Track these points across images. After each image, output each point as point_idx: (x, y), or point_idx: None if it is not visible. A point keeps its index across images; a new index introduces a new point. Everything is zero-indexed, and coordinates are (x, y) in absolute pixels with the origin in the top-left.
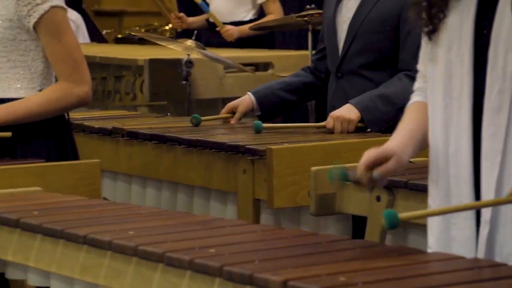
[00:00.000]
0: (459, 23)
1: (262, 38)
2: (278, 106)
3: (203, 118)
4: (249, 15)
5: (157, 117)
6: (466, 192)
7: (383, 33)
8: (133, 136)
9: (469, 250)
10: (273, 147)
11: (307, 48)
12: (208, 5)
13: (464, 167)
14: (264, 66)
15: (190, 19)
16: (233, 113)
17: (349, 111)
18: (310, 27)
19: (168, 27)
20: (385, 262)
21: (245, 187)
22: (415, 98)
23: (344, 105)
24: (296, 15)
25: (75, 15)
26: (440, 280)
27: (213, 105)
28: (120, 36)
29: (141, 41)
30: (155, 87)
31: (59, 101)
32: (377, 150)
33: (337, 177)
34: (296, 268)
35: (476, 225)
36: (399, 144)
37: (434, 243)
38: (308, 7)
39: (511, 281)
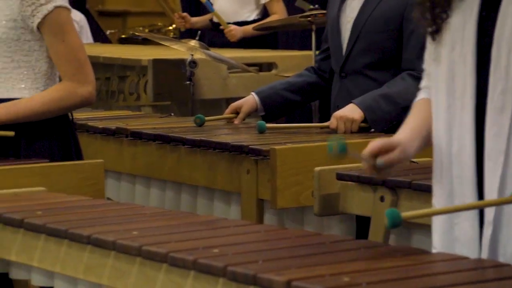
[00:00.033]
0: (462, 23)
1: (265, 38)
2: (282, 106)
3: (206, 118)
4: (252, 15)
5: (160, 117)
6: (469, 192)
7: (386, 32)
8: (137, 136)
9: (472, 250)
10: (276, 147)
11: (310, 48)
12: (212, 4)
13: (467, 167)
14: (267, 66)
15: (194, 19)
16: (237, 113)
17: (352, 111)
18: (313, 27)
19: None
20: (389, 262)
21: (248, 187)
22: (421, 95)
23: (347, 105)
24: (300, 15)
25: (79, 16)
26: (444, 281)
27: (216, 105)
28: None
29: (145, 41)
30: (158, 87)
31: (62, 100)
32: (382, 139)
33: (336, 149)
34: (300, 268)
35: (479, 225)
36: (405, 137)
37: (438, 243)
38: (311, 7)
39: None
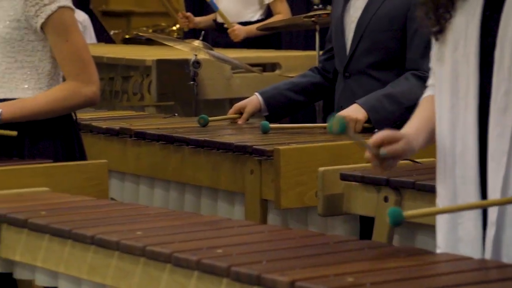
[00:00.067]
0: (465, 23)
1: (269, 38)
2: (286, 107)
3: (210, 118)
4: (256, 15)
5: (164, 118)
6: (473, 192)
7: (390, 32)
8: (140, 136)
9: (476, 250)
10: (280, 147)
11: (313, 49)
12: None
13: (470, 168)
14: (271, 67)
15: (197, 19)
16: (241, 113)
17: (356, 111)
18: (317, 27)
19: (176, 28)
20: (393, 262)
21: (252, 187)
22: (428, 92)
23: (351, 105)
24: (304, 15)
25: (82, 16)
26: (448, 281)
27: (220, 105)
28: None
29: (149, 42)
30: (162, 88)
31: (66, 100)
32: (387, 131)
33: (336, 128)
34: (304, 269)
35: (482, 225)
36: (411, 131)
37: (442, 242)
38: (315, 7)
39: None
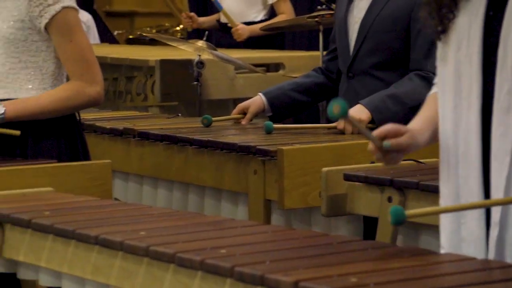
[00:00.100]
0: (468, 23)
1: (272, 38)
2: (289, 107)
3: (214, 118)
4: (260, 15)
5: (168, 118)
6: (476, 192)
7: (394, 32)
8: (144, 136)
9: (479, 250)
10: (284, 147)
11: (316, 49)
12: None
13: (474, 167)
14: (275, 67)
15: (201, 19)
16: (244, 113)
17: (359, 112)
18: (321, 27)
19: (179, 28)
20: (396, 263)
21: (256, 187)
22: (435, 89)
23: (355, 105)
24: (307, 15)
25: (86, 16)
26: (451, 281)
27: (224, 105)
28: (131, 36)
29: (152, 42)
30: (166, 88)
31: (70, 99)
32: (392, 124)
33: (338, 111)
34: (307, 269)
35: (486, 225)
36: (416, 127)
37: (445, 242)
38: (319, 7)
39: None
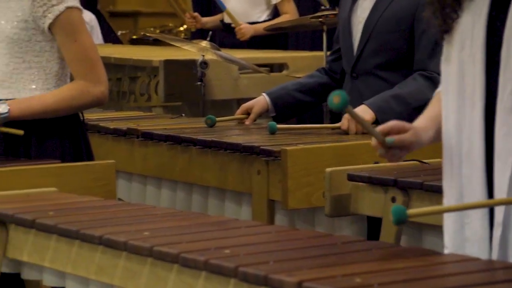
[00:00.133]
0: (471, 23)
1: (276, 39)
2: (293, 107)
3: (217, 119)
4: (263, 15)
5: (172, 118)
6: (479, 192)
7: (398, 33)
8: (148, 137)
9: (482, 250)
10: (287, 148)
11: (320, 49)
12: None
13: (477, 167)
14: (278, 67)
15: (205, 19)
16: (248, 114)
17: (363, 112)
18: (325, 28)
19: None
20: (400, 263)
21: (259, 188)
22: (440, 88)
23: (359, 106)
24: (311, 16)
25: (89, 16)
26: (455, 282)
27: (227, 106)
28: (135, 37)
29: (156, 42)
30: (170, 88)
31: (74, 99)
32: (396, 121)
33: (338, 101)
34: (311, 269)
35: (489, 225)
36: (421, 124)
37: (449, 242)
38: (323, 8)
39: None
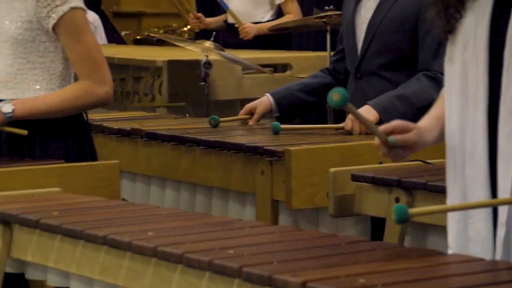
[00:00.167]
0: (474, 23)
1: (279, 39)
2: (297, 107)
3: (221, 119)
4: (267, 16)
5: (175, 118)
6: (482, 192)
7: (401, 33)
8: (151, 137)
9: (486, 250)
10: (291, 148)
11: (323, 49)
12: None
13: (480, 168)
14: (282, 67)
15: (208, 20)
16: (252, 114)
17: (367, 113)
18: (328, 28)
19: (187, 29)
20: (404, 263)
21: (263, 188)
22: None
23: (362, 106)
24: (315, 16)
25: (93, 16)
26: (459, 282)
27: (231, 106)
28: (138, 37)
29: (160, 42)
30: (173, 88)
31: (78, 99)
32: (400, 121)
33: (337, 99)
34: (315, 270)
35: (493, 225)
36: (425, 124)
37: (452, 242)
38: (326, 8)
39: None
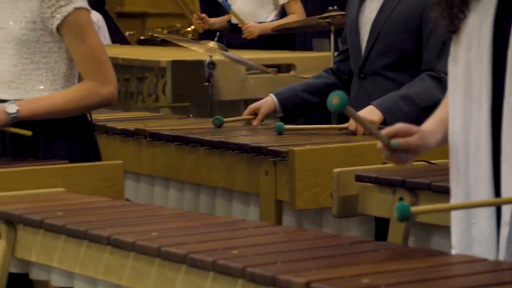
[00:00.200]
0: (478, 23)
1: (283, 39)
2: (300, 108)
3: (225, 119)
4: (271, 16)
5: (179, 119)
6: (486, 193)
7: (405, 33)
8: (155, 137)
9: (490, 250)
10: (295, 148)
11: (328, 50)
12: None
13: (484, 168)
14: (286, 68)
15: (212, 20)
16: (255, 114)
17: (371, 113)
18: (332, 28)
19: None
20: (408, 264)
21: (267, 188)
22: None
23: (366, 106)
24: (318, 16)
25: (96, 16)
26: (463, 283)
27: (235, 106)
28: (142, 37)
29: (164, 43)
30: (177, 89)
31: (82, 99)
32: (403, 124)
33: (336, 102)
34: (319, 270)
35: (496, 225)
36: (428, 127)
37: (456, 242)
38: (330, 8)
39: None
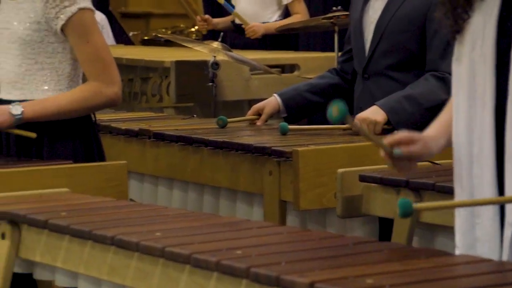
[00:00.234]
0: (482, 23)
1: (287, 39)
2: (304, 108)
3: (229, 119)
4: (274, 16)
5: (183, 119)
6: (489, 193)
7: (409, 33)
8: (159, 137)
9: (493, 250)
10: (299, 149)
11: (331, 50)
12: (233, 7)
13: (487, 168)
14: (290, 68)
15: (215, 20)
16: (259, 114)
17: (375, 113)
18: (336, 28)
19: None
20: (412, 264)
21: (271, 188)
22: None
23: (370, 106)
24: (322, 16)
25: (100, 16)
26: (466, 283)
27: (239, 106)
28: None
29: (168, 43)
30: (181, 89)
31: (87, 100)
32: (406, 132)
33: (336, 113)
34: (323, 270)
35: (500, 225)
36: (431, 133)
37: (460, 242)
38: (334, 8)
39: None
